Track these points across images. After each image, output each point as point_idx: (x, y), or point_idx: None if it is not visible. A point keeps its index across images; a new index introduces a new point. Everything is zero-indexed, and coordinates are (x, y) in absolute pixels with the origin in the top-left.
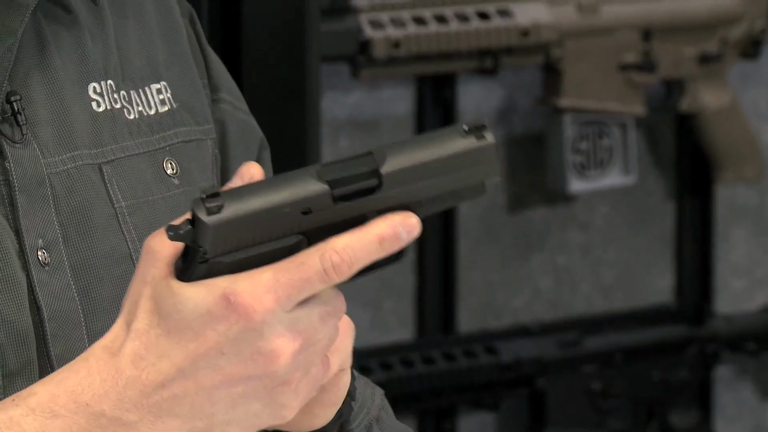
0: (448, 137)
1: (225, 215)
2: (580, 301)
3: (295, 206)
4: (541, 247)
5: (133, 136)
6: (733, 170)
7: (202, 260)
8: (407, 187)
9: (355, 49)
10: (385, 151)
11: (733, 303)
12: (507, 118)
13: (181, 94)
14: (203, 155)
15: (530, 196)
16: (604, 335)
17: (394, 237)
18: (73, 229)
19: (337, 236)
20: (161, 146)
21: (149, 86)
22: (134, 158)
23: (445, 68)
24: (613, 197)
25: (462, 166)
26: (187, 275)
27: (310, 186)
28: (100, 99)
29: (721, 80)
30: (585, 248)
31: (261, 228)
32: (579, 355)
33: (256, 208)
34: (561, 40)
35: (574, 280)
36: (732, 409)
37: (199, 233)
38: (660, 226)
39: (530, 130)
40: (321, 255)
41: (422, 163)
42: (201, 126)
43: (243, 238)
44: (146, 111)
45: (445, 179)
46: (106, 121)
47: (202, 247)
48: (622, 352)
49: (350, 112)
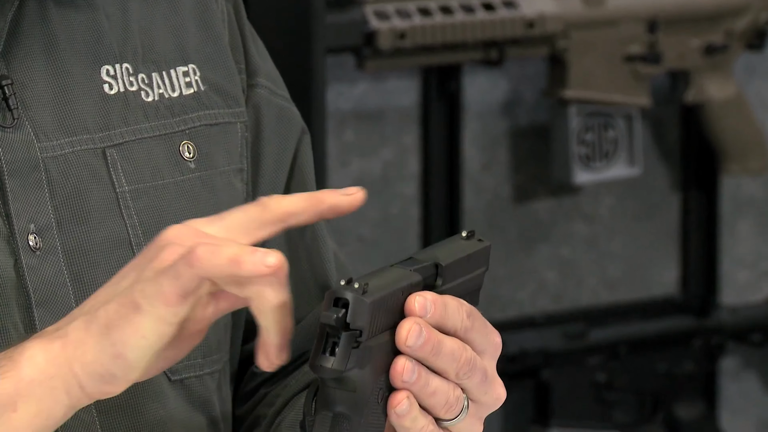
0: (463, 241)
1: (375, 294)
2: (585, 293)
3: (405, 290)
4: (546, 239)
5: (148, 119)
6: (738, 162)
7: (356, 345)
8: (455, 279)
9: (361, 41)
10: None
11: (739, 295)
12: (512, 110)
13: (211, 76)
14: (230, 139)
15: (535, 188)
16: (609, 327)
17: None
18: (68, 213)
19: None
20: (180, 129)
21: (175, 68)
22: (147, 141)
23: (451, 59)
24: (618, 189)
25: (478, 263)
26: (342, 365)
27: (412, 276)
28: (113, 81)
29: (726, 71)
30: (590, 240)
31: (386, 313)
32: (584, 347)
33: (390, 290)
34: (566, 32)
35: (579, 273)
36: (737, 401)
37: (356, 313)
38: (665, 218)
39: (535, 121)
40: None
41: (463, 257)
42: (231, 108)
43: (379, 322)
44: (168, 93)
45: (475, 272)
46: (117, 103)
47: (358, 329)
48: (627, 344)
49: (355, 104)
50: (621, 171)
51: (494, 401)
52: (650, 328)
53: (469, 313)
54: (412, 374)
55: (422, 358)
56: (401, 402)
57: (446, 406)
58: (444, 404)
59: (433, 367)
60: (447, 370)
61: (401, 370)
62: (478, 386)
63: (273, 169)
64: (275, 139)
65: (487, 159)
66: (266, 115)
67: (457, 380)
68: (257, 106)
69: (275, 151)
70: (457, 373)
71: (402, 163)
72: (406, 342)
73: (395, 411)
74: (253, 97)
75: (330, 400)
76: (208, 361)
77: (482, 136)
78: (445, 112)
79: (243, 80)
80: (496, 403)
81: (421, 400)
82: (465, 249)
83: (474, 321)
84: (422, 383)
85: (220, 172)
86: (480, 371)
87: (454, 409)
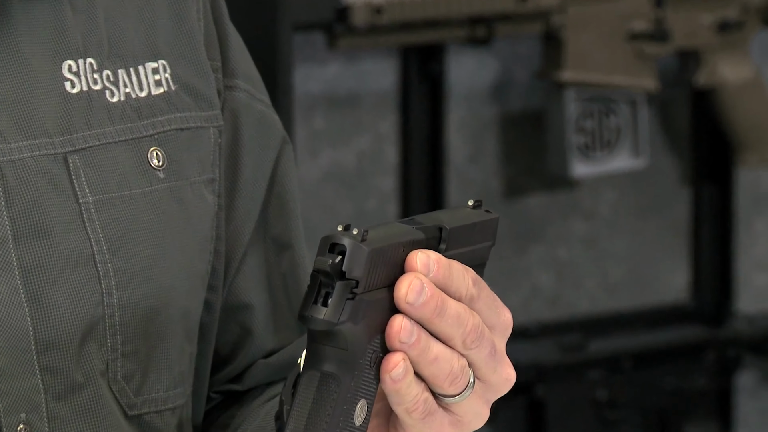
0: (469, 210)
1: (375, 244)
2: (583, 299)
3: (407, 246)
4: (540, 239)
5: (113, 122)
6: (755, 152)
7: (351, 296)
8: (460, 246)
9: (332, 16)
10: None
11: (756, 301)
12: (502, 94)
13: (182, 74)
14: (202, 145)
15: (528, 182)
16: (610, 337)
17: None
18: (26, 225)
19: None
20: (148, 134)
21: (143, 65)
22: (112, 147)
23: (433, 38)
24: (621, 183)
25: (485, 235)
26: (334, 316)
27: (415, 233)
28: (76, 79)
29: (742, 51)
30: (589, 240)
31: (385, 267)
32: (583, 360)
33: (392, 242)
34: (563, 6)
35: (577, 276)
36: (755, 421)
37: (354, 261)
38: (674, 214)
39: (528, 107)
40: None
41: (469, 224)
42: (203, 111)
43: (377, 275)
44: (135, 93)
45: (481, 244)
46: (80, 103)
47: (354, 279)
48: (631, 357)
49: (326, 87)
50: (624, 162)
51: (504, 382)
52: (657, 339)
53: (475, 280)
54: (410, 335)
55: (423, 319)
56: (397, 364)
57: (450, 378)
58: (447, 375)
59: (436, 331)
60: (451, 336)
61: (398, 329)
62: (486, 360)
63: (251, 181)
64: (254, 148)
65: (474, 149)
66: (245, 122)
67: (464, 349)
68: (235, 112)
69: (254, 162)
70: (464, 340)
71: (379, 154)
72: (406, 298)
73: (390, 375)
74: (231, 100)
75: (318, 358)
76: (171, 395)
77: (469, 124)
78: (427, 97)
79: (219, 80)
80: (505, 384)
81: (421, 367)
82: (471, 217)
83: (480, 290)
84: (422, 347)
85: (191, 182)
86: (488, 342)
87: (458, 381)
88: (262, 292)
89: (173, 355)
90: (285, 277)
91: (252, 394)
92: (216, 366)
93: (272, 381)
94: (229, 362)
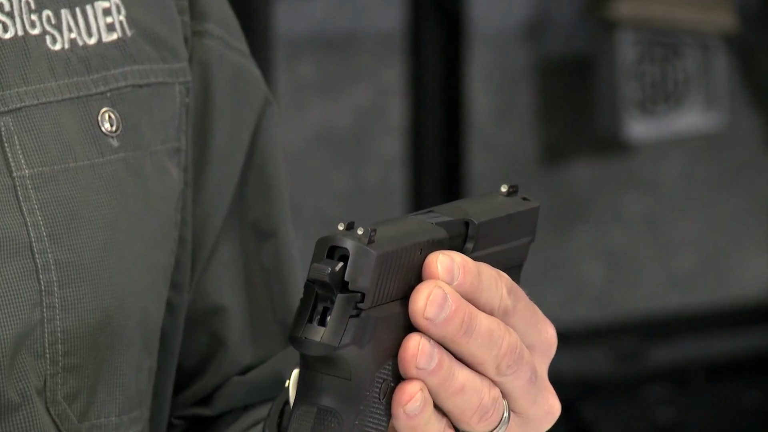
0: (502, 198)
1: (384, 246)
2: (641, 296)
3: (425, 248)
4: (586, 220)
5: (56, 75)
6: None
7: (355, 312)
8: (491, 245)
9: None
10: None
11: None
12: (538, 36)
13: (141, 16)
14: (165, 106)
15: (571, 146)
16: (676, 344)
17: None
18: None
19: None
20: (99, 91)
21: (92, 3)
22: (54, 106)
23: None
24: (689, 147)
25: (522, 230)
26: (335, 339)
27: (435, 231)
28: (9, 21)
29: None
30: (649, 221)
31: (398, 275)
32: (641, 372)
33: (406, 244)
34: None
35: (633, 267)
36: None
37: (358, 269)
38: (757, 188)
39: (571, 52)
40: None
41: (502, 217)
42: (167, 64)
43: (388, 286)
44: (83, 39)
45: (517, 241)
46: (13, 52)
47: (359, 291)
48: (701, 368)
49: (315, 27)
50: (693, 121)
51: (546, 415)
52: (734, 345)
53: (510, 288)
54: (430, 359)
55: (446, 339)
56: (413, 396)
57: (479, 412)
58: (476, 408)
59: (462, 353)
60: (482, 360)
61: (415, 352)
62: (525, 389)
63: (225, 152)
64: (229, 110)
65: (502, 105)
66: (218, 78)
67: (497, 376)
68: (206, 63)
69: (229, 127)
70: (497, 365)
71: (381, 111)
72: (424, 313)
73: (404, 409)
74: (201, 50)
75: (314, 389)
76: (124, 421)
77: (496, 73)
78: (443, 39)
79: (186, 25)
80: (547, 418)
81: (443, 399)
82: (505, 207)
83: (517, 302)
84: (445, 374)
85: (151, 152)
86: (527, 366)
87: (490, 417)
88: (237, 292)
89: (128, 371)
90: (267, 272)
91: (224, 420)
92: (180, 384)
93: (250, 404)
94: (196, 379)
